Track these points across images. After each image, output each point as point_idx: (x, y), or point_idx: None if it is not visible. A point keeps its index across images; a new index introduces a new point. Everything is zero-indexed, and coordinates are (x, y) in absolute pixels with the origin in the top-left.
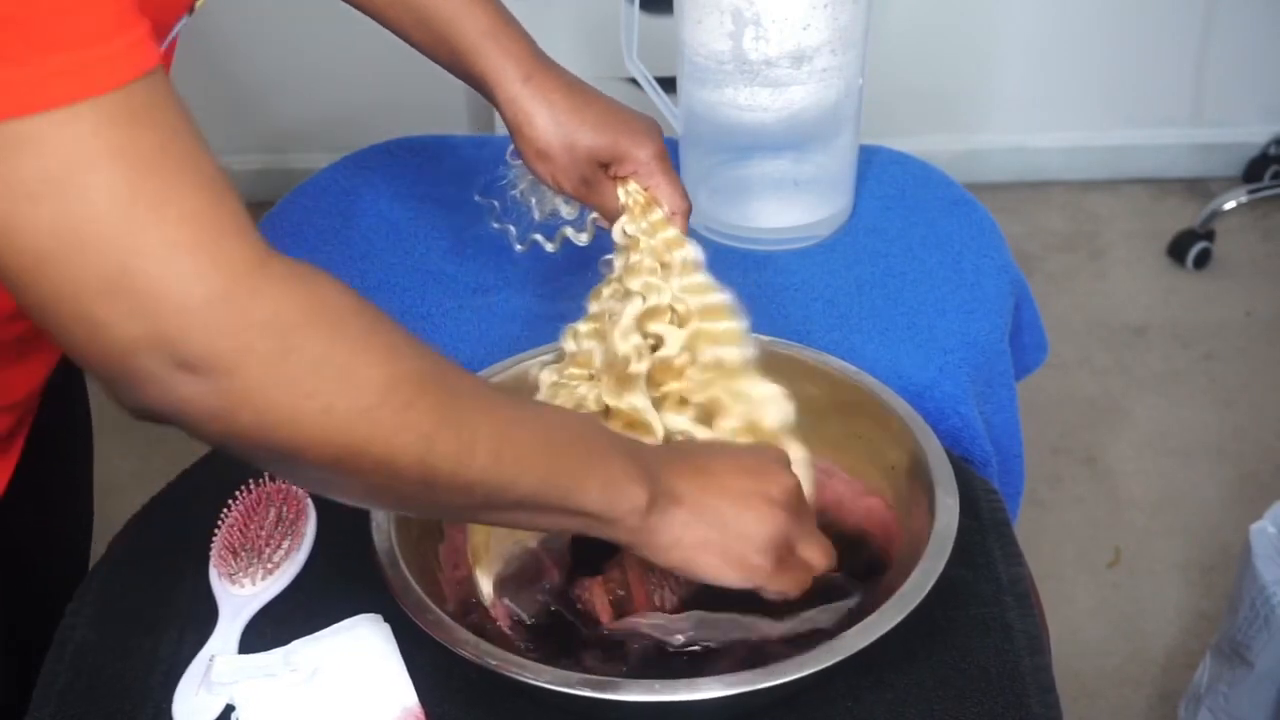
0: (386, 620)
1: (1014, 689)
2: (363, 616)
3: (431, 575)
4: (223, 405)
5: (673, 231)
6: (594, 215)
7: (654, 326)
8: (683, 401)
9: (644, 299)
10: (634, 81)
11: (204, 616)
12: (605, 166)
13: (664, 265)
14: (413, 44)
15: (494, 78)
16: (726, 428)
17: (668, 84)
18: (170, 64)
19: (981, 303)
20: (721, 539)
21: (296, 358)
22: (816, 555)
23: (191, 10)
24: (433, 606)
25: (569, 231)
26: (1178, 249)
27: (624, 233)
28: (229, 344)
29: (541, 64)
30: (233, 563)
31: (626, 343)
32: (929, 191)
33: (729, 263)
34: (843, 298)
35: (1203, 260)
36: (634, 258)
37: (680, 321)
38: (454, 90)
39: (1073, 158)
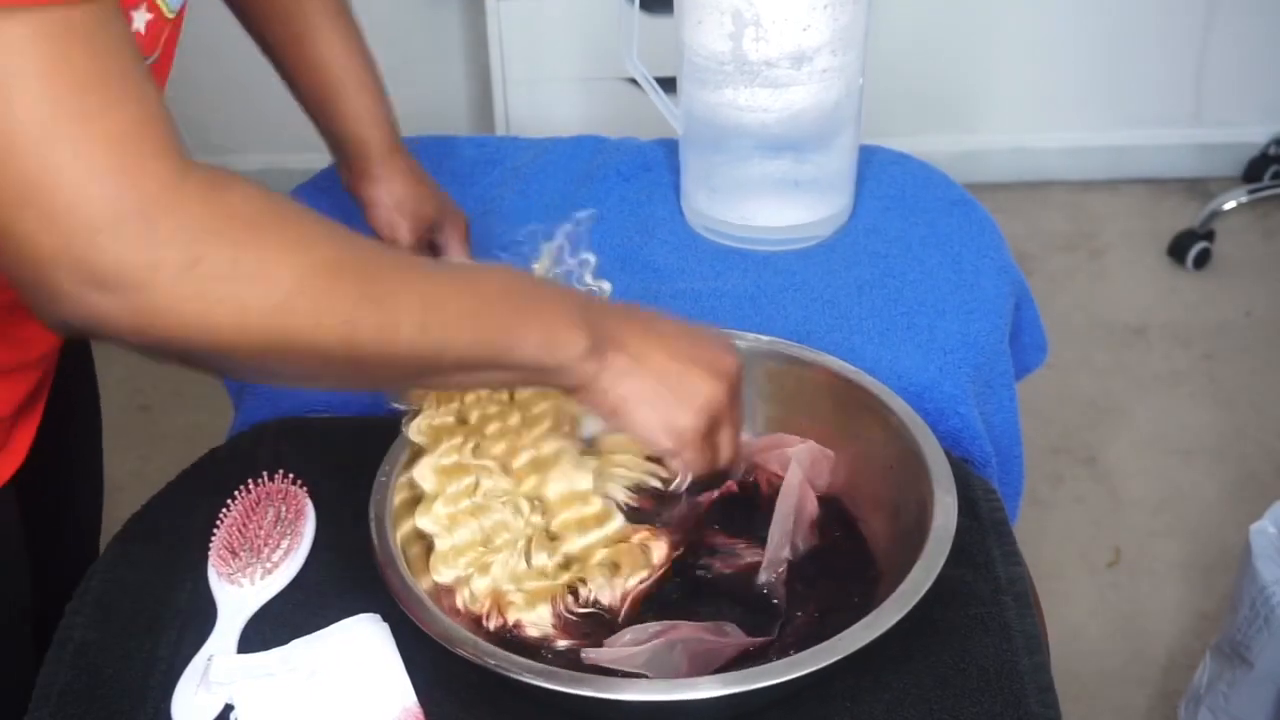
0: (385, 620)
1: (1012, 688)
2: (362, 616)
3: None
4: (138, 319)
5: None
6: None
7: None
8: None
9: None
10: (634, 81)
11: (203, 616)
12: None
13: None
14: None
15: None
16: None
17: (668, 84)
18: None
19: (981, 303)
20: (658, 393)
21: (205, 267)
22: (729, 444)
23: None
24: (432, 606)
25: None
26: (1178, 249)
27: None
28: (138, 260)
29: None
30: (232, 562)
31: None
32: (929, 191)
33: (729, 263)
34: (843, 298)
35: (1203, 260)
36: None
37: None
38: (454, 90)
39: (1073, 158)
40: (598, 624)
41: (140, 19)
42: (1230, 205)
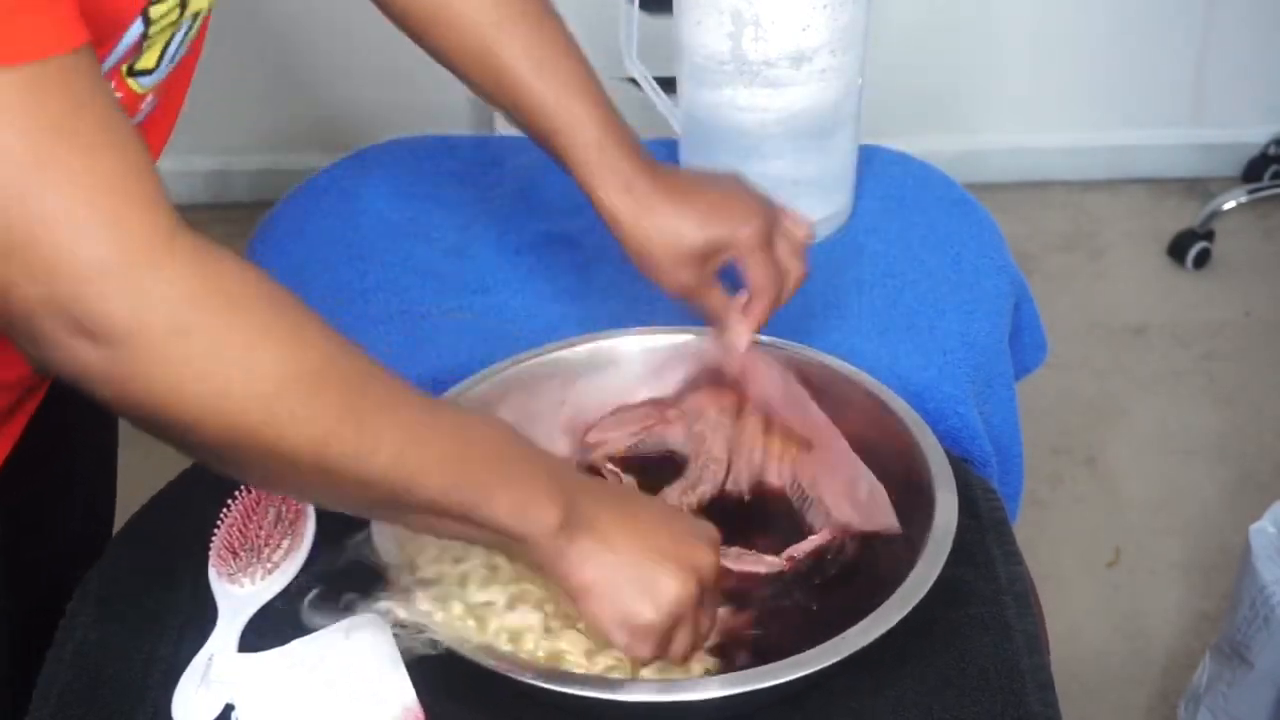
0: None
1: (1013, 688)
2: (363, 616)
3: None
4: (115, 374)
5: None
6: None
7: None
8: None
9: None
10: (634, 81)
11: (203, 616)
12: (712, 259)
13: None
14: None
15: (596, 191)
16: None
17: (668, 84)
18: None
19: (981, 303)
20: (621, 584)
21: (192, 338)
22: (686, 645)
23: (147, 16)
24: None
25: None
26: (1178, 249)
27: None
28: (124, 315)
29: (644, 169)
30: (232, 562)
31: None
32: (929, 191)
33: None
34: (843, 298)
35: (1202, 260)
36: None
37: None
38: (454, 90)
39: (1073, 158)
40: None
41: None
42: (1230, 205)
